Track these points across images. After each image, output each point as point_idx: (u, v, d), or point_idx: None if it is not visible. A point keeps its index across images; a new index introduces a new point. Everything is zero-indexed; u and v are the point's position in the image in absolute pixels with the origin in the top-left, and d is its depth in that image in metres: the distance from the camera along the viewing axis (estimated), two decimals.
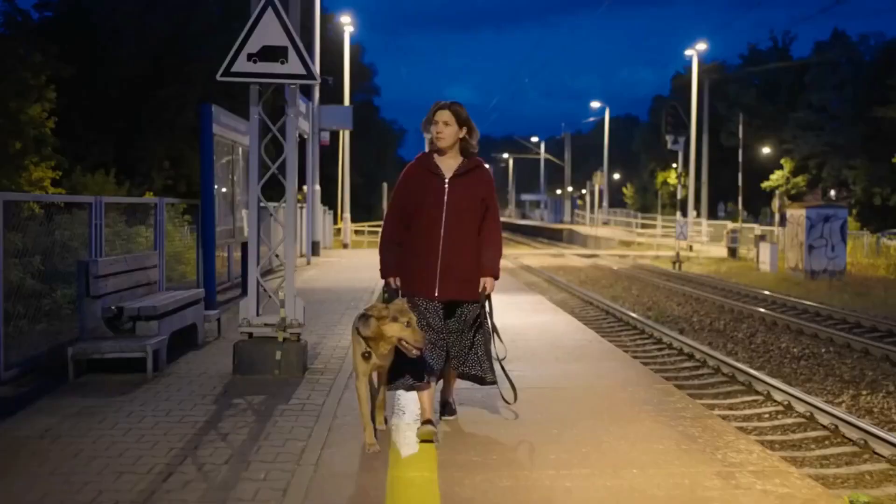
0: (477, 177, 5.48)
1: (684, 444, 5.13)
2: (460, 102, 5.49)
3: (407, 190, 5.47)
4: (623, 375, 7.48)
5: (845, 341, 13.77)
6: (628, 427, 5.52)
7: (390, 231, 5.51)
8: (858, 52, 53.18)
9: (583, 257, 35.93)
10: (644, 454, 4.93)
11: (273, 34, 6.73)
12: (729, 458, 4.88)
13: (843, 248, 26.45)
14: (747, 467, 4.70)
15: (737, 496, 4.25)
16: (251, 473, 4.56)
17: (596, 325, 15.32)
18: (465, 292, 5.40)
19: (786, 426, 8.96)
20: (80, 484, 4.39)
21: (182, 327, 7.90)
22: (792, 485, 4.46)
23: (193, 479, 4.48)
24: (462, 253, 5.37)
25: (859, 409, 9.91)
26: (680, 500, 4.18)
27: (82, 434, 5.30)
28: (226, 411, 5.88)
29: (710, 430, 5.50)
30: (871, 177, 48.05)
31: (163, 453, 4.91)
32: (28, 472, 4.59)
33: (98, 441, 5.16)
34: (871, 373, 11.73)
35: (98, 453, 4.91)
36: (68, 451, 4.95)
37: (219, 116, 11.04)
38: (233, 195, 11.97)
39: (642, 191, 76.09)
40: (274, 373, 6.91)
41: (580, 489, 4.36)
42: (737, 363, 11.60)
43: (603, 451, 5.01)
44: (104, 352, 6.71)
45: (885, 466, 7.52)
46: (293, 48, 6.78)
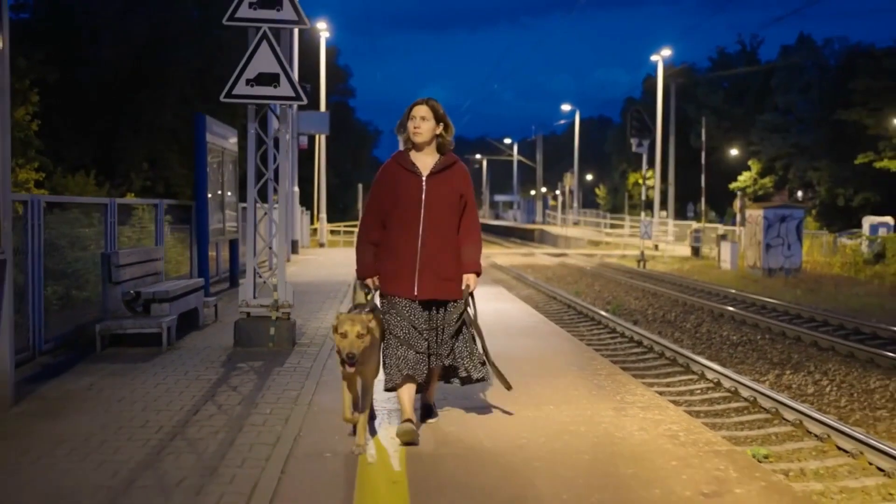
0: (454, 173, 5.51)
1: (594, 391, 6.71)
2: (436, 99, 5.56)
3: (384, 188, 5.49)
4: (560, 348, 9.07)
5: (781, 330, 15.40)
6: (554, 380, 7.09)
7: (367, 231, 5.54)
8: (823, 56, 55.26)
9: (552, 256, 37.65)
10: (562, 397, 6.50)
11: (267, 63, 8.22)
12: (625, 399, 6.46)
13: (799, 247, 28.15)
14: (637, 404, 6.29)
15: (623, 420, 5.83)
16: (259, 410, 6.07)
17: (557, 318, 16.84)
18: (445, 291, 5.44)
19: (713, 399, 10.49)
20: (129, 417, 5.88)
21: (186, 310, 9.38)
22: (666, 413, 6.05)
23: (215, 413, 5.98)
24: (441, 251, 5.41)
25: (780, 385, 11.47)
26: (580, 423, 5.74)
27: (120, 387, 6.78)
28: (232, 372, 7.39)
29: (617, 382, 7.09)
30: (834, 178, 50.03)
31: (188, 399, 6.41)
32: (86, 411, 6.07)
33: (134, 392, 6.64)
34: (798, 356, 13.33)
35: (137, 399, 6.40)
36: (113, 398, 6.43)
37: (211, 126, 12.46)
38: (222, 197, 13.39)
39: (614, 192, 78.00)
40: (268, 345, 8.42)
41: (511, 417, 5.90)
42: (679, 348, 13.13)
43: (531, 395, 6.56)
44: (126, 328, 8.20)
45: (789, 429, 9.05)
46: (284, 75, 8.28)
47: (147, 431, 5.49)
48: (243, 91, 8.22)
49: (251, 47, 8.22)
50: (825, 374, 11.96)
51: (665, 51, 43.63)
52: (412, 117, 5.43)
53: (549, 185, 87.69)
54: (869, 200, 48.30)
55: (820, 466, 7.68)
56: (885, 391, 10.88)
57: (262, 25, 8.14)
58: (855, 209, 47.82)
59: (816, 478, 7.36)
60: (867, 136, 46.25)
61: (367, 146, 75.94)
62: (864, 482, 7.21)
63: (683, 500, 4.26)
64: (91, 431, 5.47)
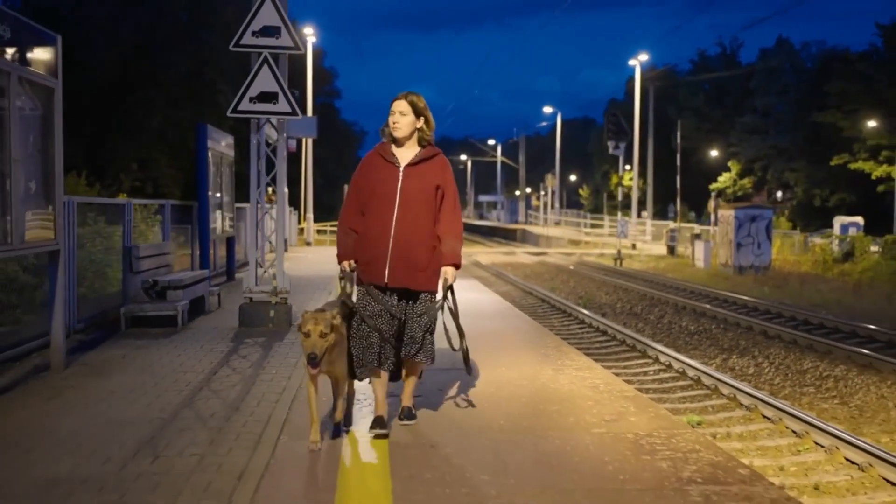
0: (432, 165, 5.62)
1: (540, 359, 8.30)
2: (418, 93, 5.67)
3: (362, 177, 5.64)
4: (520, 328, 10.66)
5: (736, 320, 17.00)
6: (509, 351, 8.67)
7: (347, 217, 5.69)
8: (801, 59, 57.20)
9: (532, 255, 39.28)
10: (513, 362, 8.07)
11: (267, 83, 9.74)
12: (565, 364, 8.05)
13: (769, 246, 29.79)
14: (572, 367, 7.88)
15: (558, 377, 7.40)
16: (266, 371, 7.61)
17: (531, 311, 18.37)
18: (416, 281, 5.54)
19: (662, 379, 12.02)
20: (162, 376, 7.40)
21: (195, 297, 10.89)
22: (594, 373, 7.64)
23: (231, 374, 7.51)
24: (414, 241, 5.49)
25: (725, 367, 13.00)
26: (524, 379, 7.30)
27: (148, 356, 8.30)
28: (240, 346, 8.93)
29: (562, 353, 8.69)
30: (810, 179, 51.86)
31: (207, 364, 7.94)
32: (125, 372, 7.58)
33: (160, 360, 8.16)
34: (745, 343, 14.91)
35: (165, 364, 7.92)
36: (143, 365, 7.95)
37: (211, 133, 13.92)
38: (220, 199, 14.87)
39: (596, 192, 79.85)
40: (269, 325, 9.95)
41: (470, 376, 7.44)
42: (640, 336, 14.67)
43: (488, 361, 8.12)
44: (147, 311, 9.72)
45: (724, 402, 10.58)
46: (282, 93, 9.80)
47: (179, 385, 7.01)
48: (247, 107, 9.74)
49: (254, 70, 9.73)
50: (766, 358, 13.51)
51: (642, 55, 45.44)
52: (391, 112, 5.59)
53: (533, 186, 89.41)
54: (844, 201, 50.13)
55: (744, 430, 9.21)
56: (815, 371, 12.45)
57: (263, 51, 9.66)
58: (831, 209, 49.59)
59: (739, 439, 8.88)
60: (842, 138, 48.06)
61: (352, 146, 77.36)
62: (779, 442, 8.72)
63: (590, 424, 5.81)
64: (134, 385, 7.00)
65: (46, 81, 7.19)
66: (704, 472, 4.78)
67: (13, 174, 6.55)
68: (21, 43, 6.68)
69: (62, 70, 7.38)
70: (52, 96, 7.30)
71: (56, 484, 4.53)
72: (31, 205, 6.96)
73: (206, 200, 13.51)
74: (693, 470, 4.81)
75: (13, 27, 6.52)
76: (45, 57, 7.18)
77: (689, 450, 5.21)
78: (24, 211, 6.77)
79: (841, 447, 8.13)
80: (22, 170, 6.72)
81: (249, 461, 4.92)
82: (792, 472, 7.78)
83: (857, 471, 7.63)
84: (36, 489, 4.46)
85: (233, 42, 9.70)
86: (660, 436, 5.51)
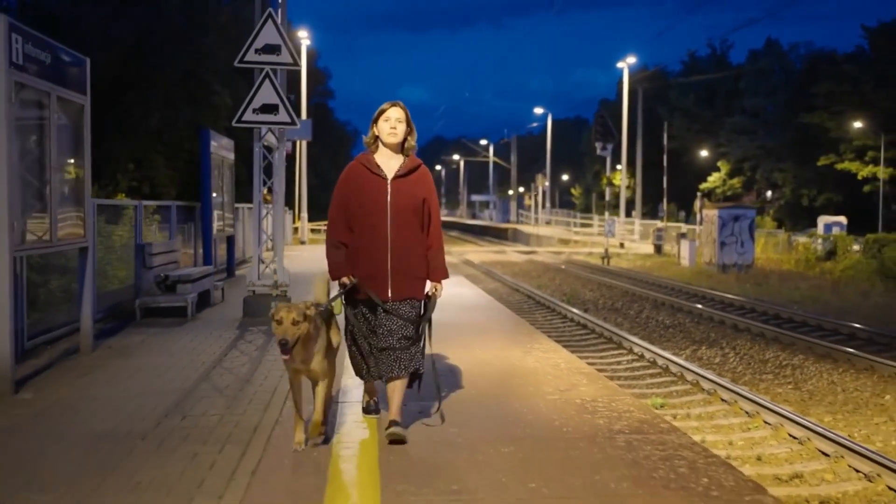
0: (418, 178, 5.71)
1: (512, 343, 9.48)
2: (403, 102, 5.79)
3: (349, 191, 5.67)
4: (498, 319, 11.82)
5: (709, 315, 18.18)
6: (485, 336, 9.86)
7: (335, 232, 5.73)
8: (790, 61, 58.55)
9: (522, 254, 40.51)
10: (487, 346, 9.25)
11: (269, 96, 10.87)
12: (534, 347, 9.21)
13: (752, 245, 30.98)
14: (540, 350, 9.04)
15: (526, 357, 8.57)
16: (270, 353, 8.75)
17: (516, 307, 19.50)
18: (417, 290, 5.71)
19: (634, 367, 13.15)
20: (179, 357, 8.54)
21: (202, 291, 12.02)
22: (558, 354, 8.80)
23: (239, 356, 8.66)
24: (410, 253, 5.63)
25: (694, 357, 14.14)
26: (494, 359, 8.48)
27: (164, 342, 9.44)
28: (245, 333, 10.09)
29: (533, 339, 9.87)
30: (798, 179, 53.20)
31: (217, 348, 9.08)
32: (146, 354, 8.72)
33: (175, 345, 9.30)
34: (715, 335, 16.07)
35: (179, 349, 9.06)
36: (161, 348, 9.08)
37: (213, 138, 15.01)
38: (223, 200, 15.98)
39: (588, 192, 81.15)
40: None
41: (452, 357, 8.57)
42: (617, 329, 15.81)
43: (465, 345, 9.30)
44: (160, 302, 10.87)
45: (687, 387, 11.72)
46: (282, 104, 10.93)
47: (195, 364, 8.16)
48: (250, 118, 10.87)
49: (257, 83, 10.87)
50: (733, 349, 14.67)
51: (630, 58, 46.71)
52: (387, 118, 5.62)
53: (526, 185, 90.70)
54: (831, 201, 51.46)
55: (702, 412, 10.35)
56: (776, 361, 13.60)
57: (265, 67, 10.79)
58: (818, 209, 50.89)
59: (697, 419, 10.01)
60: (829, 139, 49.39)
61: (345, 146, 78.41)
62: (731, 421, 9.86)
63: (546, 392, 6.96)
64: (156, 364, 8.14)
65: (78, 99, 8.32)
66: (632, 426, 5.94)
67: (52, 181, 7.68)
68: (58, 66, 7.80)
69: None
70: (82, 111, 8.44)
71: (107, 435, 5.67)
72: (66, 207, 8.09)
73: (209, 202, 14.61)
74: (623, 424, 5.97)
75: (52, 53, 7.65)
76: (77, 77, 8.31)
77: (623, 411, 6.37)
78: (60, 212, 7.90)
79: (785, 425, 9.25)
80: (59, 176, 7.85)
81: (262, 419, 6.08)
82: (739, 445, 8.90)
83: (797, 444, 8.75)
84: (91, 439, 5.60)
85: (237, 58, 10.82)
86: (602, 401, 6.67)
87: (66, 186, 8.18)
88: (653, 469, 4.94)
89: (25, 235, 7.28)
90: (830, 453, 8.27)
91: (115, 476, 4.81)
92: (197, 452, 5.28)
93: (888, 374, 12.15)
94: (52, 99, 7.65)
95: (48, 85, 7.59)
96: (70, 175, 8.27)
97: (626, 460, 5.10)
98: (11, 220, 6.74)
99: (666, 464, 5.04)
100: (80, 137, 8.46)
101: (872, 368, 12.55)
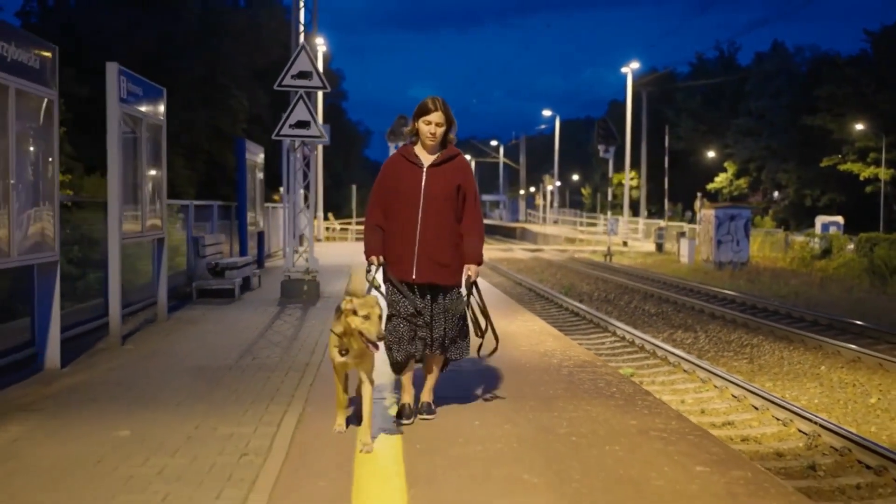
0: (454, 165, 6.03)
1: (501, 316, 11.94)
2: (442, 98, 6.04)
3: (387, 178, 6.06)
4: (495, 303, 14.29)
5: (691, 305, 20.59)
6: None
7: (372, 216, 6.07)
8: (795, 63, 60.78)
9: (528, 251, 43.08)
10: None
11: (302, 114, 13.37)
12: (517, 318, 11.77)
13: (747, 243, 33.20)
14: (522, 320, 11.59)
15: (509, 325, 11.09)
16: (307, 323, 11.27)
17: (517, 297, 21.94)
18: (443, 276, 5.97)
19: (615, 346, 15.53)
20: (234, 326, 11.06)
21: (244, 277, 14.56)
22: (536, 323, 11.32)
23: (283, 323, 11.18)
24: (439, 238, 5.91)
25: (669, 339, 16.51)
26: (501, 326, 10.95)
27: (220, 315, 11.98)
28: (285, 309, 12.63)
29: (518, 312, 12.39)
30: (802, 180, 55.49)
31: (264, 319, 11.61)
32: (208, 322, 11.25)
33: (229, 317, 11.84)
34: (692, 321, 18.47)
35: (234, 319, 11.60)
36: (218, 319, 11.61)
37: (248, 147, 17.54)
38: (255, 199, 18.50)
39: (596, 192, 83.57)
40: (303, 297, 13.61)
41: None
42: (604, 316, 18.24)
43: None
44: (212, 285, 13.44)
45: (657, 361, 14.10)
46: (313, 121, 13.44)
47: (250, 329, 10.69)
48: (287, 132, 13.38)
49: (293, 104, 13.39)
50: (705, 332, 17.05)
51: (634, 63, 49.26)
52: (428, 122, 5.93)
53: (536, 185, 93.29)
54: (834, 201, 53.70)
55: (665, 379, 12.73)
56: (739, 341, 15.98)
57: (300, 90, 13.31)
58: (821, 209, 53.07)
59: (660, 384, 12.38)
60: (832, 141, 51.61)
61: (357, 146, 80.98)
62: (688, 386, 12.25)
63: (520, 346, 9.46)
64: (218, 330, 10.68)
65: (159, 121, 10.89)
66: (576, 363, 8.45)
67: (143, 184, 10.23)
68: (144, 97, 10.35)
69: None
70: (161, 130, 11.00)
71: (202, 368, 8.18)
72: (150, 206, 10.64)
73: (244, 201, 17.17)
74: (571, 363, 8.48)
75: (143, 88, 10.21)
76: (157, 103, 10.87)
77: (574, 356, 8.88)
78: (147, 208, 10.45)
79: (729, 388, 11.60)
80: (147, 181, 10.41)
81: (310, 359, 8.60)
82: (689, 402, 11.27)
83: (735, 402, 11.10)
84: (193, 370, 8.11)
85: (276, 83, 13.33)
86: (561, 351, 9.18)
87: (150, 189, 10.72)
88: (580, 384, 7.45)
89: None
90: (759, 406, 10.61)
91: (219, 388, 7.31)
92: (269, 377, 7.78)
93: (832, 351, 14.45)
94: (143, 124, 10.20)
95: (140, 112, 10.13)
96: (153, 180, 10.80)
97: (564, 380, 7.62)
98: (120, 217, 9.29)
99: (591, 382, 7.55)
100: (159, 149, 11.01)
101: (820, 347, 14.83)
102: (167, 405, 6.64)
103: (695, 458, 5.34)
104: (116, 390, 7.22)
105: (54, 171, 7.89)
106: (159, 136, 10.98)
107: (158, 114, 10.88)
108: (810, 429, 9.28)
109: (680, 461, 5.26)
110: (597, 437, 5.77)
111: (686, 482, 4.88)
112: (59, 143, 8.16)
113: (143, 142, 10.19)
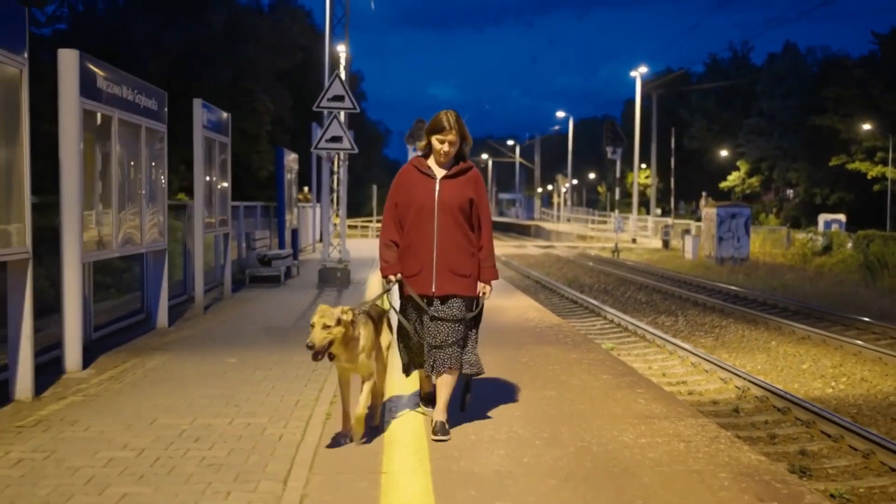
0: (467, 179, 6.15)
1: (501, 297, 15.10)
2: (456, 111, 6.13)
3: (400, 190, 6.15)
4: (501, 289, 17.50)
5: (679, 294, 23.61)
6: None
7: (387, 231, 6.18)
8: (806, 64, 63.37)
9: (540, 248, 46.16)
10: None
11: (336, 130, 16.55)
12: (512, 298, 14.97)
13: (747, 240, 35.87)
14: (516, 299, 14.80)
15: (505, 302, 14.30)
16: (343, 300, 14.45)
17: (524, 288, 24.98)
18: (461, 287, 6.09)
19: (605, 329, 18.56)
20: (283, 303, 14.29)
21: (287, 266, 17.81)
22: (527, 301, 14.51)
23: (324, 300, 14.37)
24: (455, 249, 6.04)
25: (653, 322, 19.54)
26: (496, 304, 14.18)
27: (271, 296, 15.23)
28: (323, 291, 15.89)
29: (516, 296, 15.64)
30: (811, 179, 58.15)
31: (307, 298, 14.83)
32: (262, 301, 14.50)
33: (278, 297, 15.08)
34: (676, 307, 21.48)
35: (283, 299, 14.84)
36: (271, 298, 14.86)
37: (286, 154, 20.75)
38: (290, 200, 21.70)
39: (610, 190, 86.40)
40: (336, 282, 16.85)
41: None
42: (600, 304, 21.29)
43: None
44: (262, 272, 16.72)
45: (636, 339, 17.12)
46: (345, 136, 16.63)
47: (300, 304, 13.91)
48: (323, 146, 16.58)
49: (327, 123, 16.58)
50: (685, 317, 20.05)
51: (642, 68, 52.29)
52: (441, 140, 6.02)
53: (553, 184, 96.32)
54: (843, 199, 56.26)
55: (640, 352, 15.75)
56: (711, 323, 18.97)
57: (334, 111, 16.52)
58: (830, 207, 55.54)
59: (634, 356, 15.42)
60: (840, 140, 54.15)
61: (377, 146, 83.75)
62: (657, 356, 15.25)
63: (509, 316, 12.62)
64: (273, 304, 13.92)
65: (225, 140, 14.13)
66: (548, 325, 11.64)
67: (215, 191, 13.46)
68: (219, 122, 13.57)
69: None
70: (227, 148, 14.25)
71: (268, 328, 11.39)
72: (220, 207, 13.87)
73: (283, 202, 20.42)
74: (544, 326, 11.66)
75: (216, 115, 13.46)
76: (227, 128, 14.11)
77: (547, 321, 12.07)
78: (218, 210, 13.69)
79: (690, 357, 14.61)
80: (217, 187, 13.65)
81: None
82: (655, 368, 14.28)
83: (692, 367, 14.12)
84: (262, 329, 11.30)
85: (315, 104, 16.49)
86: (541, 320, 12.37)
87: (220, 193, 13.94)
88: (545, 336, 10.67)
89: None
90: (708, 370, 13.67)
91: (285, 339, 10.51)
92: None
93: (787, 331, 17.34)
94: (215, 144, 13.46)
95: (214, 135, 13.38)
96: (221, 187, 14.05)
97: (534, 334, 10.84)
98: (203, 218, 12.54)
99: (554, 336, 10.75)
100: (226, 164, 14.25)
101: (779, 328, 17.74)
102: (254, 346, 9.88)
103: (605, 373, 8.51)
104: (214, 340, 10.46)
105: (164, 183, 11.11)
106: (225, 153, 14.20)
107: (226, 134, 14.09)
108: (742, 384, 12.14)
109: (594, 374, 8.45)
110: (546, 361, 8.99)
111: (593, 381, 8.07)
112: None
113: (216, 158, 13.42)
